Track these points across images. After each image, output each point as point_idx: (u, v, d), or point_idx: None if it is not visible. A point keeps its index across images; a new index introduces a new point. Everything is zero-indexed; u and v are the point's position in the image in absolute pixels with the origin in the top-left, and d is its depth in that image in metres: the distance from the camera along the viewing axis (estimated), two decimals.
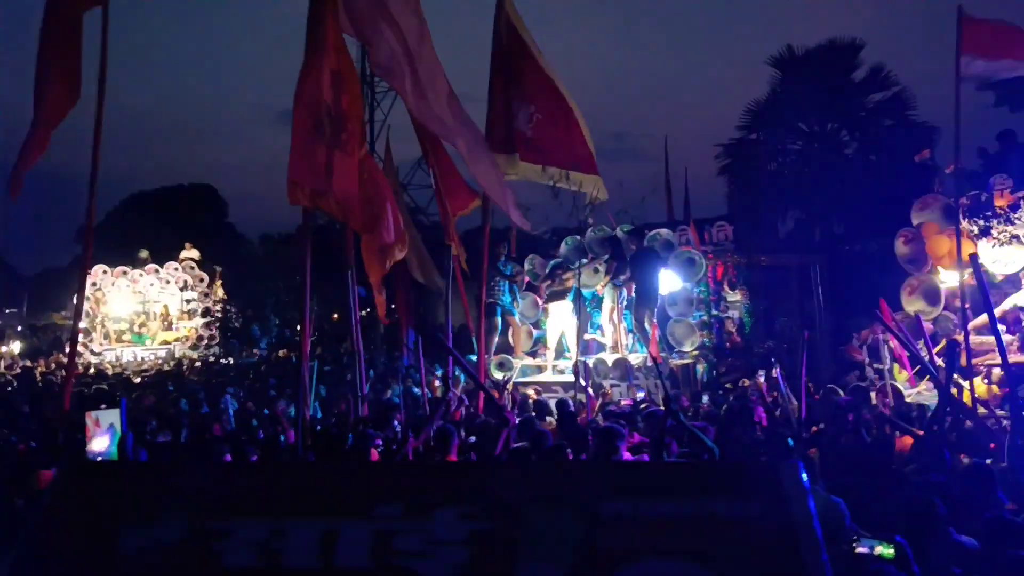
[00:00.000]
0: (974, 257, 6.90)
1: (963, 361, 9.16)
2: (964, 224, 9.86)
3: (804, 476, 2.02)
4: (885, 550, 3.47)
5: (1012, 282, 9.75)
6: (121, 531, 2.08)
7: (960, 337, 9.63)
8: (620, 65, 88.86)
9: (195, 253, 24.34)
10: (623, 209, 12.44)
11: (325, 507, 2.12)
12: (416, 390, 10.29)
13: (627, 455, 5.69)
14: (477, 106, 9.76)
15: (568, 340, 12.40)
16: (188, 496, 2.16)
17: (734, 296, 13.64)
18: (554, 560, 1.95)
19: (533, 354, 13.23)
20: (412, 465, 4.14)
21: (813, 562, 1.88)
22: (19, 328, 27.36)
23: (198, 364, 19.31)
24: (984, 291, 6.54)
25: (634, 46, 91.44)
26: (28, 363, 19.62)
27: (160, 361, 20.75)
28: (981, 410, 7.29)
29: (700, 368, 11.96)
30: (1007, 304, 9.45)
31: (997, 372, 8.81)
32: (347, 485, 2.25)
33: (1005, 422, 6.46)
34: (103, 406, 6.41)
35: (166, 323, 22.75)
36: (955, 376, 6.94)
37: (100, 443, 6.05)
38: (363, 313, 9.09)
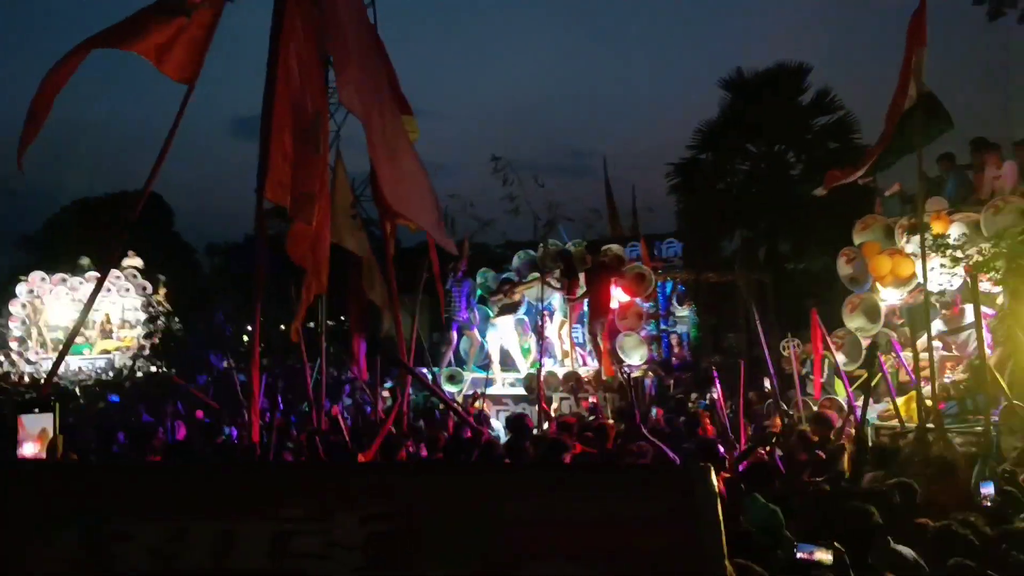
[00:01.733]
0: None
1: (903, 377, 9.45)
2: (902, 244, 10.18)
3: (714, 480, 2.03)
4: (823, 556, 3.54)
5: (950, 301, 10.07)
6: (24, 535, 2.04)
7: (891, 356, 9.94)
8: (579, 84, 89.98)
9: (138, 261, 23.78)
10: (581, 221, 12.58)
11: (227, 508, 2.08)
12: (368, 407, 10.28)
13: None
14: (433, 120, 9.75)
15: (513, 353, 12.45)
16: (89, 499, 2.11)
17: (682, 311, 13.84)
18: (454, 562, 1.95)
19: (484, 367, 13.23)
20: (315, 466, 4.07)
21: (715, 561, 1.89)
22: None
23: (139, 375, 18.80)
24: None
25: (593, 67, 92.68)
26: None
27: (99, 371, 20.16)
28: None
29: (648, 381, 12.09)
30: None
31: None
32: (250, 486, 2.21)
33: None
34: (36, 410, 6.25)
35: (106, 332, 22.13)
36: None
37: (30, 448, 5.94)
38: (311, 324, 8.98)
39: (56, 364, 7.62)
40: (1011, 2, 18.61)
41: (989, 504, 4.89)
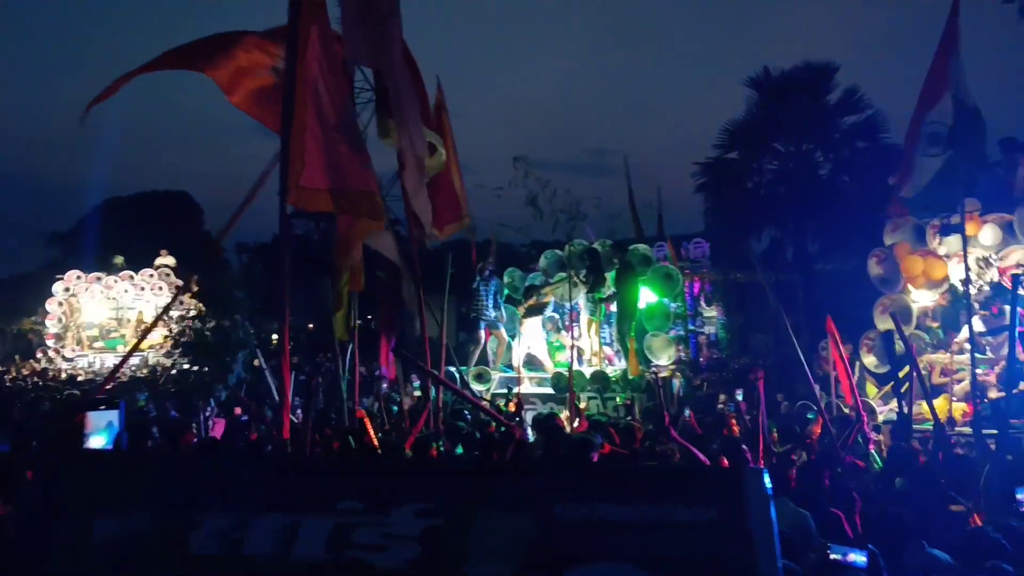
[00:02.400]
0: (1016, 278, 6.86)
1: (935, 379, 9.40)
2: (935, 245, 10.11)
3: (767, 483, 2.06)
4: (858, 557, 3.57)
5: (983, 303, 9.97)
6: (97, 517, 2.18)
7: (934, 356, 9.89)
8: (601, 83, 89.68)
9: (171, 260, 24.12)
10: (603, 220, 12.62)
11: (290, 501, 2.21)
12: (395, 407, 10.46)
13: None
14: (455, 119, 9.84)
15: (539, 354, 12.52)
16: (158, 487, 2.27)
17: (710, 312, 13.82)
18: (504, 558, 2.02)
19: (510, 366, 13.30)
20: (374, 464, 4.20)
21: (768, 567, 1.92)
22: None
23: (173, 372, 19.10)
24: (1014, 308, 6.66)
25: (615, 66, 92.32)
26: None
27: (133, 368, 20.49)
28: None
29: (676, 382, 12.09)
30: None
31: (961, 388, 9.03)
32: (311, 481, 2.34)
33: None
34: (102, 407, 6.55)
35: (140, 330, 22.48)
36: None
37: (96, 441, 6.21)
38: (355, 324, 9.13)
39: (119, 365, 7.94)
40: None
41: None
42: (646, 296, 12.22)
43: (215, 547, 2.12)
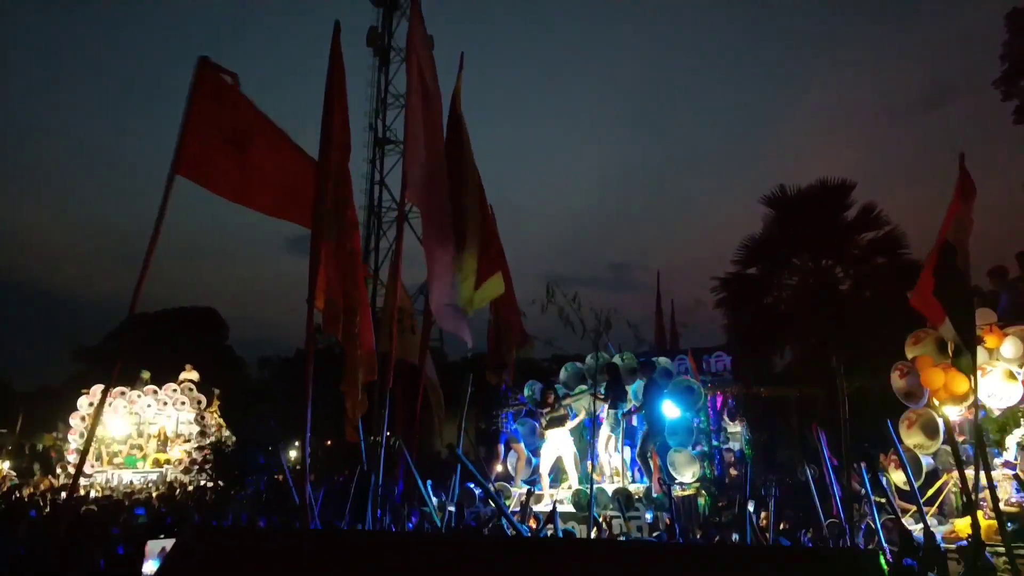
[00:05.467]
0: None
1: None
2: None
3: (883, 564, 2.07)
4: None
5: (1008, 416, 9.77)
6: None
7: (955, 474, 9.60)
8: (619, 200, 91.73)
9: (195, 375, 24.33)
10: (624, 334, 12.66)
11: (394, 571, 2.34)
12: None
13: None
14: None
15: (567, 467, 12.28)
16: (280, 557, 2.44)
17: (734, 427, 13.61)
18: None
19: (532, 483, 13.04)
20: (456, 538, 4.27)
21: None
22: (9, 447, 26.97)
23: (191, 488, 18.93)
24: None
25: (633, 184, 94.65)
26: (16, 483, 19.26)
27: (151, 484, 20.35)
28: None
29: (701, 500, 11.78)
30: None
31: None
32: (430, 555, 2.47)
33: None
34: (162, 536, 7.66)
35: (161, 444, 22.44)
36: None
37: (149, 567, 7.00)
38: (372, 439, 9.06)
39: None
40: None
41: None
42: (669, 410, 12.10)
43: None
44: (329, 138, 6.06)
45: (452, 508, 9.88)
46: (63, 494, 17.52)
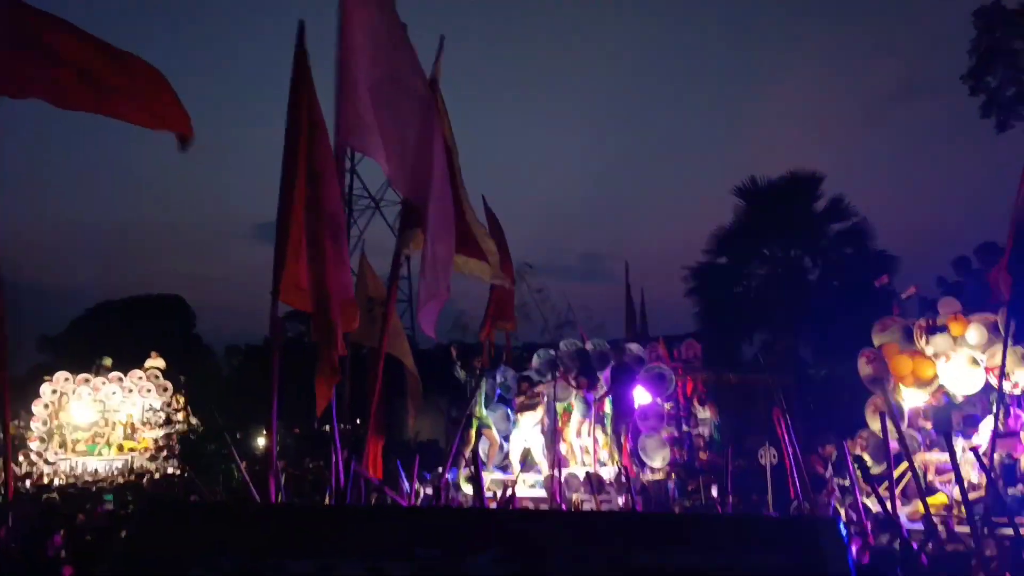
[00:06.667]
0: None
1: (930, 478, 9.32)
2: (921, 345, 10.22)
3: (842, 531, 2.08)
4: None
5: (971, 402, 10.00)
6: (189, 565, 2.26)
7: (928, 456, 9.83)
8: (591, 190, 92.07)
9: (160, 362, 24.04)
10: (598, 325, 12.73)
11: (371, 548, 2.28)
12: None
13: None
14: None
15: (535, 454, 12.34)
16: (244, 536, 2.36)
17: (704, 413, 13.76)
18: None
19: (503, 468, 13.09)
20: (450, 511, 4.23)
21: None
22: None
23: (158, 476, 18.72)
24: None
25: (606, 174, 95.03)
26: None
27: (116, 472, 20.09)
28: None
29: (671, 484, 11.91)
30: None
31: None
32: (389, 528, 2.41)
33: None
34: None
35: (129, 432, 22.12)
36: None
37: None
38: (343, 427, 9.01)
39: None
40: (1018, 115, 19.32)
41: None
42: (640, 396, 12.20)
43: None
44: (298, 131, 5.91)
45: (429, 492, 9.89)
46: (27, 482, 17.26)
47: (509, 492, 9.75)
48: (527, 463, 12.62)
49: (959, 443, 9.30)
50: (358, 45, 6.25)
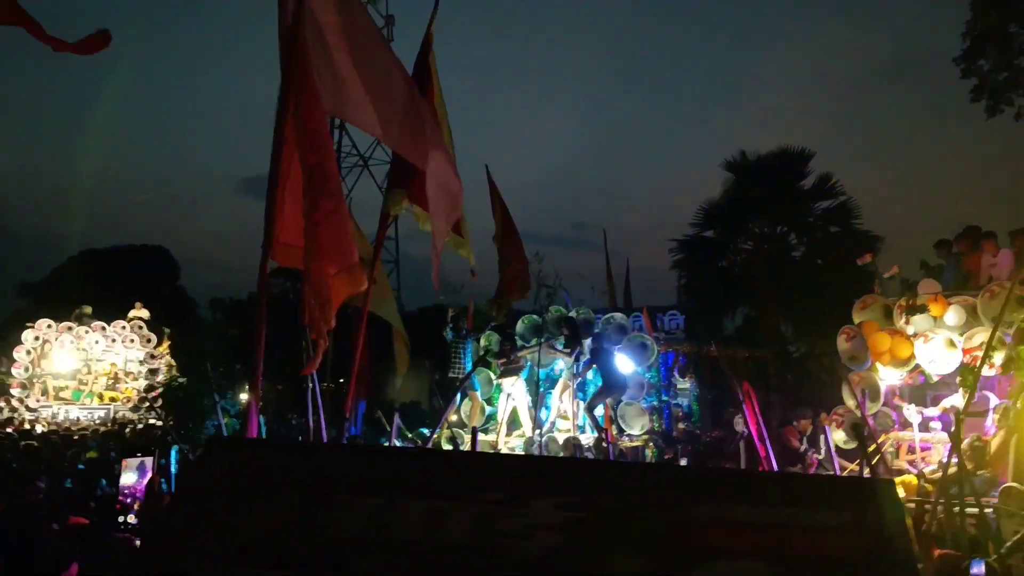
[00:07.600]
0: None
1: (902, 456, 9.53)
2: (901, 324, 10.38)
3: (898, 491, 2.16)
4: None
5: (946, 383, 10.20)
6: (245, 501, 2.30)
7: (901, 434, 10.04)
8: (583, 160, 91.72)
9: (145, 313, 23.87)
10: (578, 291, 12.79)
11: (435, 490, 2.33)
12: None
13: None
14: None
15: (520, 417, 12.47)
16: (305, 472, 2.40)
17: (684, 384, 13.94)
18: (641, 551, 2.11)
19: (485, 430, 13.23)
20: (513, 458, 4.29)
21: (908, 569, 1.98)
22: None
23: (140, 427, 18.74)
24: None
25: (598, 144, 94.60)
26: None
27: (98, 420, 20.10)
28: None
29: (648, 452, 12.11)
30: (946, 403, 9.86)
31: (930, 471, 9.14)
32: (455, 472, 2.48)
33: None
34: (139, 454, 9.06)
35: (112, 382, 22.06)
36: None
37: (128, 477, 8.56)
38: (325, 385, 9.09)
39: None
40: (1008, 100, 19.36)
41: None
42: (622, 364, 12.32)
43: (363, 528, 2.21)
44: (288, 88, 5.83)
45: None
46: (9, 428, 17.27)
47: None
48: (513, 426, 12.76)
49: (935, 425, 9.53)
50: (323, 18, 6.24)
